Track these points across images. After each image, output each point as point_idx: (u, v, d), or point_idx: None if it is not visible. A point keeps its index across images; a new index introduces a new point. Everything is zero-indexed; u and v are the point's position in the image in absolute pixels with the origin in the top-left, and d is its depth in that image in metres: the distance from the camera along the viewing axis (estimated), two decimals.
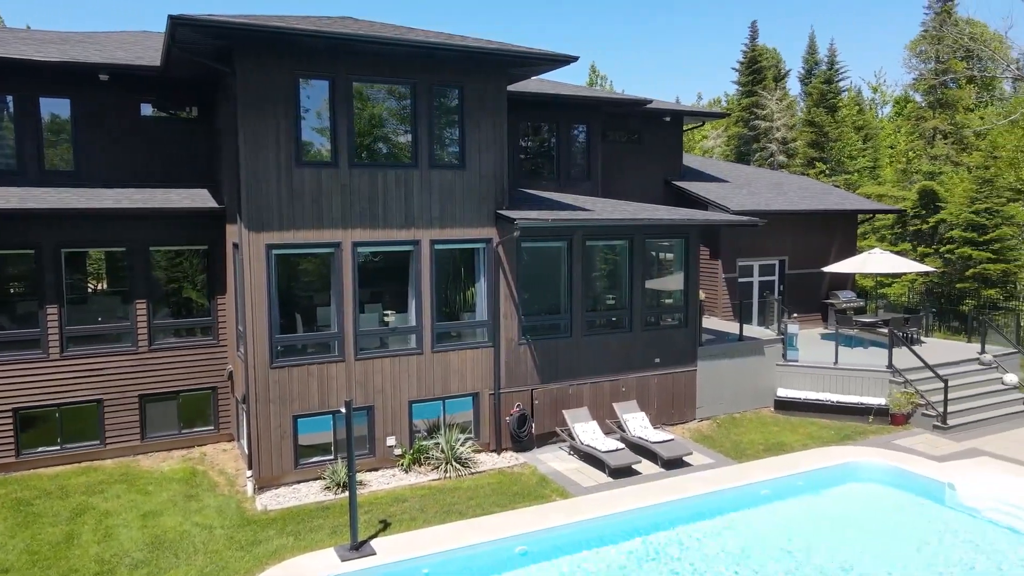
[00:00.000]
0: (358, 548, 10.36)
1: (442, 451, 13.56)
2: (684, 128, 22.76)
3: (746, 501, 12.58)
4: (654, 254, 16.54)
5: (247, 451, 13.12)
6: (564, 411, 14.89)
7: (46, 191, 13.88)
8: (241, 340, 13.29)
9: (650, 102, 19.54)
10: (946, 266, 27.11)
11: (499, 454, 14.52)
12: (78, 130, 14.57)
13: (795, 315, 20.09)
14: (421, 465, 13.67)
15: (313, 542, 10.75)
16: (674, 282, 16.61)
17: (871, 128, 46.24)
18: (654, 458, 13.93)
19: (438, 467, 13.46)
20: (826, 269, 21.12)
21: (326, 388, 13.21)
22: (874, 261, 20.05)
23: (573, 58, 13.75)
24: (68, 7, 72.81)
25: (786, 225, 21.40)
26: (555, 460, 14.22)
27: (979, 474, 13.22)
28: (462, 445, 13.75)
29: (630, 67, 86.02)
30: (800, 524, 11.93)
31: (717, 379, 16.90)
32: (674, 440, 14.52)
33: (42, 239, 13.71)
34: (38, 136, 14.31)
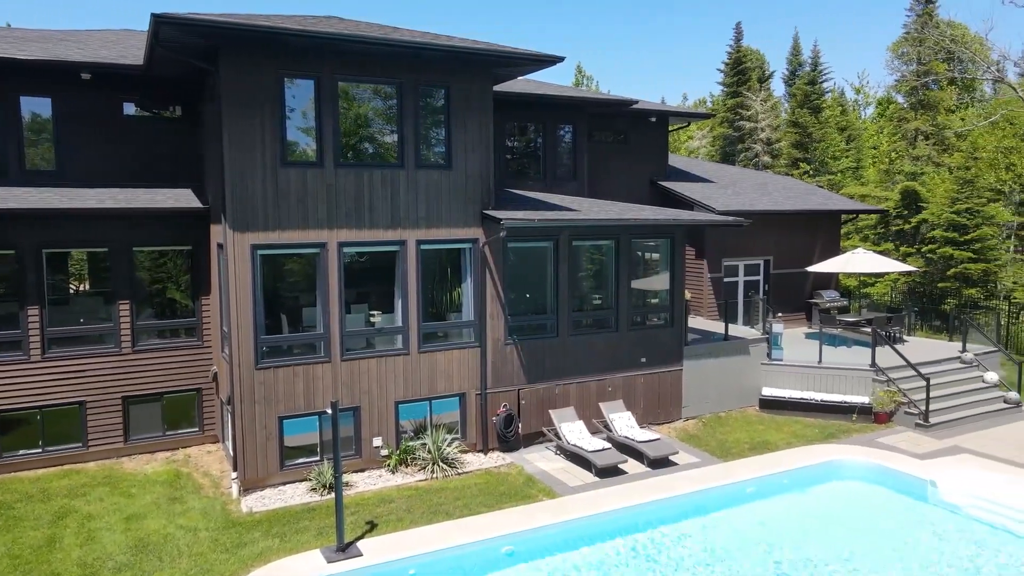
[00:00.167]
0: (344, 549, 10.33)
1: (429, 452, 13.54)
2: (670, 128, 22.86)
3: (731, 499, 12.66)
4: (640, 254, 16.60)
5: (232, 453, 13.04)
6: (551, 411, 14.92)
7: (27, 191, 13.72)
8: (226, 341, 13.20)
9: (636, 102, 19.61)
10: (928, 266, 27.41)
11: (486, 454, 14.52)
12: (60, 129, 14.43)
13: (780, 315, 20.24)
14: (408, 466, 13.65)
15: (299, 544, 10.70)
16: (660, 282, 16.69)
17: (854, 129, 46.69)
18: (640, 457, 13.99)
19: (425, 468, 13.44)
20: (810, 269, 21.30)
21: (312, 389, 13.15)
22: (857, 261, 20.23)
23: (559, 58, 13.77)
24: (50, 5, 72.00)
25: (771, 225, 21.55)
26: (542, 460, 14.24)
27: (960, 471, 13.38)
28: (449, 445, 13.74)
29: (616, 68, 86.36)
30: (785, 522, 12.02)
31: (703, 378, 17.00)
32: (660, 439, 14.58)
33: (23, 239, 13.55)
34: (19, 135, 14.15)
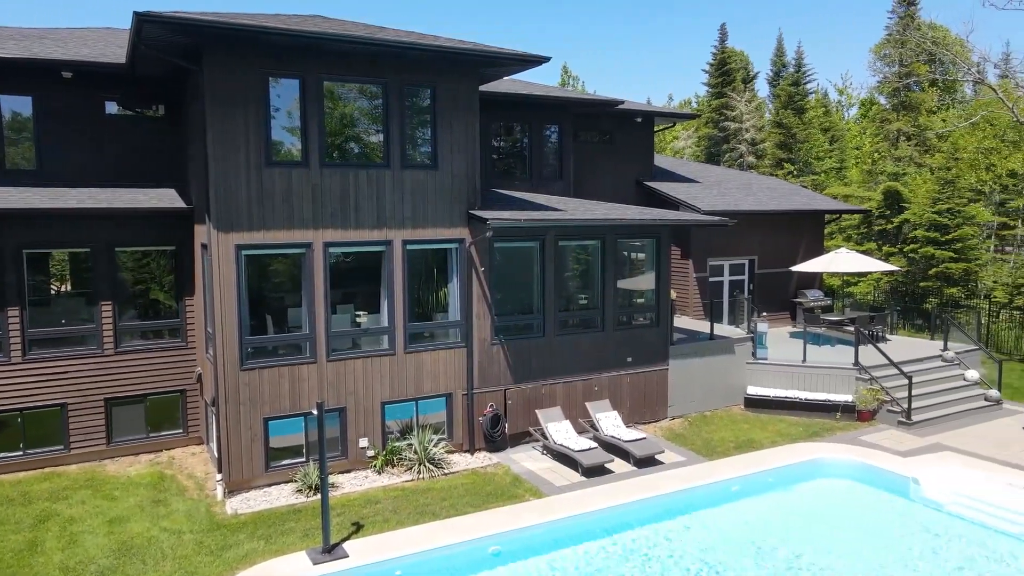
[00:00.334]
0: (330, 551, 10.28)
1: (415, 452, 13.51)
2: (655, 129, 22.95)
3: (717, 498, 12.74)
4: (626, 254, 16.66)
5: (217, 454, 12.95)
6: (537, 411, 14.93)
7: (7, 190, 13.55)
8: (210, 342, 13.11)
9: (621, 103, 19.67)
10: (910, 265, 27.71)
11: (472, 454, 14.51)
12: (41, 128, 14.27)
13: (764, 314, 20.37)
14: (394, 466, 13.62)
15: (284, 545, 10.64)
16: (646, 282, 16.75)
17: (837, 130, 47.11)
18: (627, 457, 14.04)
19: (411, 468, 13.41)
20: (794, 268, 21.45)
21: (297, 390, 13.08)
22: (841, 260, 20.41)
23: (545, 58, 13.79)
24: (30, 3, 71.13)
25: (755, 225, 21.69)
26: (528, 460, 14.26)
27: (941, 468, 13.54)
28: (435, 446, 13.72)
29: (602, 68, 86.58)
30: (770, 520, 12.10)
31: (688, 378, 17.08)
32: (646, 439, 14.64)
33: (3, 240, 13.39)
34: None
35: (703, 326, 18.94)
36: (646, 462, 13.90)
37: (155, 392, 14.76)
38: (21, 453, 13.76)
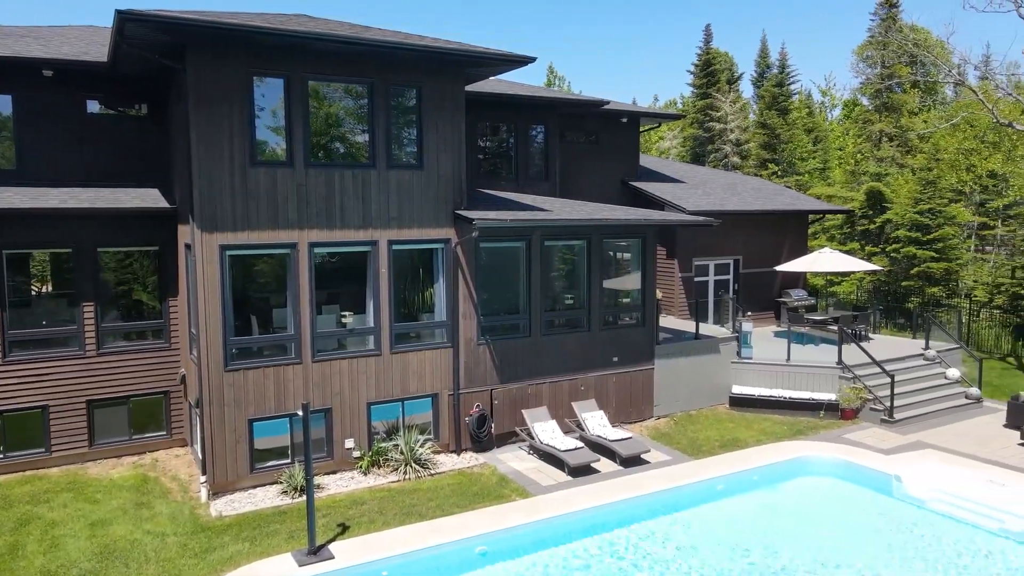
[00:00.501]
0: (316, 552, 10.24)
1: (401, 452, 13.49)
2: (641, 129, 23.06)
3: (702, 496, 12.81)
4: (612, 254, 16.71)
5: (201, 456, 12.86)
6: (523, 411, 14.95)
7: None
8: (194, 343, 13.01)
9: (607, 103, 19.73)
10: (892, 265, 27.99)
11: (459, 454, 14.50)
12: (21, 127, 14.10)
13: (749, 313, 20.50)
14: (380, 467, 13.58)
15: (270, 547, 10.59)
16: (631, 281, 16.81)
17: (821, 130, 47.52)
18: (613, 456, 14.08)
19: (397, 469, 13.38)
20: (778, 268, 21.61)
21: (283, 391, 13.02)
22: (824, 260, 20.58)
23: (530, 59, 13.81)
24: (12, 1, 70.19)
25: (740, 225, 21.84)
26: (515, 460, 14.27)
27: (923, 466, 13.69)
28: (421, 446, 13.70)
29: (588, 69, 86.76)
30: (754, 518, 12.18)
31: (674, 377, 17.16)
32: (632, 438, 14.70)
33: None
34: None
35: (688, 326, 19.04)
36: (632, 461, 13.95)
37: (138, 394, 14.62)
38: (1, 456, 13.59)
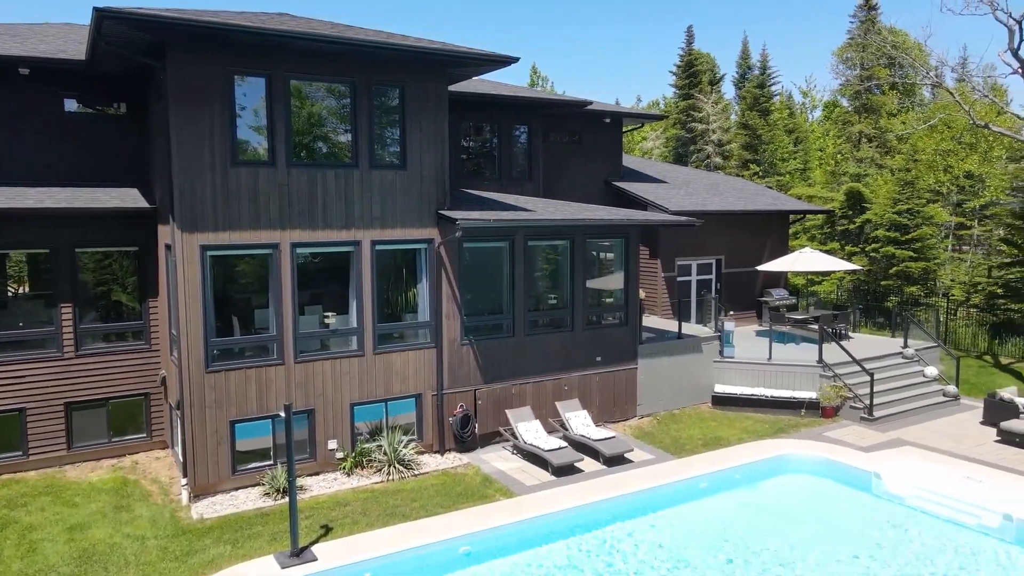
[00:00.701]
0: (299, 554, 10.18)
1: (385, 453, 13.44)
2: (624, 130, 23.13)
3: (685, 495, 12.88)
4: (595, 254, 16.77)
5: (182, 458, 12.74)
6: (507, 411, 14.95)
7: None
8: (175, 344, 12.89)
9: (590, 103, 19.78)
10: (872, 264, 28.30)
11: (442, 455, 14.48)
12: None
13: (731, 313, 20.67)
14: (364, 468, 13.53)
15: (252, 550, 10.51)
16: (615, 281, 16.88)
17: (802, 131, 47.96)
18: (596, 455, 14.12)
19: (381, 469, 13.34)
20: (760, 268, 21.78)
21: (265, 392, 12.93)
22: (805, 260, 20.77)
23: (513, 59, 13.82)
24: None
25: (722, 225, 21.99)
26: (499, 460, 14.27)
27: (902, 463, 13.86)
28: (405, 447, 13.66)
29: (571, 69, 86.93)
30: (737, 516, 12.27)
31: (657, 376, 17.24)
32: (615, 437, 14.75)
33: None
34: None
35: (671, 325, 19.14)
36: (615, 461, 14.01)
37: (117, 396, 14.46)
38: None
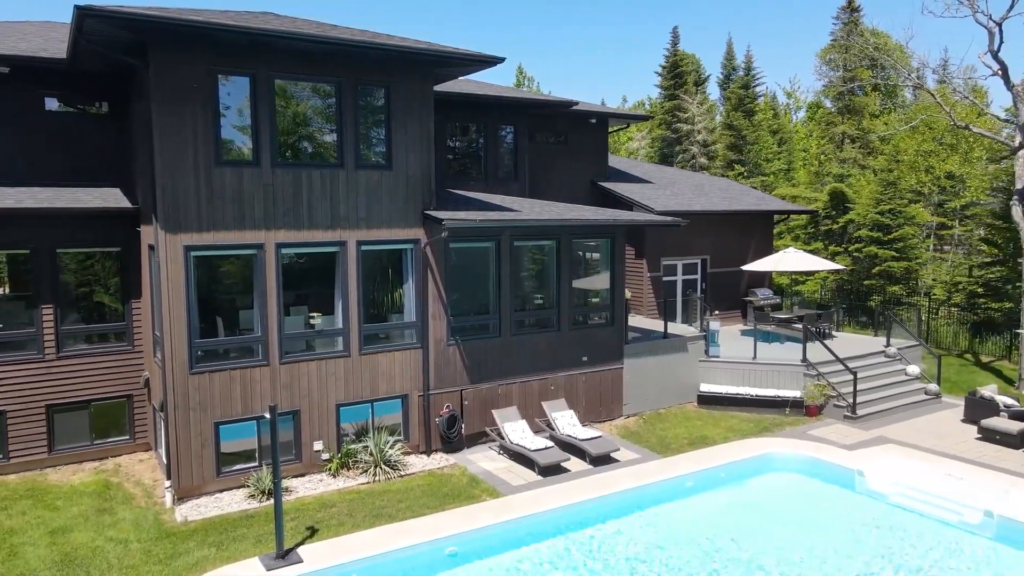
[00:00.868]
0: (284, 556, 10.13)
1: (371, 454, 13.40)
2: (609, 130, 23.19)
3: (671, 494, 12.94)
4: (581, 254, 16.80)
5: (166, 460, 12.63)
6: (494, 411, 14.95)
7: None
8: (158, 345, 12.78)
9: (576, 104, 19.82)
10: (855, 264, 28.56)
11: (429, 455, 14.45)
12: None
13: (716, 312, 20.77)
14: (350, 469, 13.47)
15: (237, 552, 10.44)
16: (601, 281, 16.92)
17: (786, 132, 48.30)
18: (583, 455, 14.15)
19: (367, 470, 13.29)
20: (745, 267, 21.91)
21: (249, 393, 12.84)
22: (789, 259, 20.92)
23: (499, 59, 13.82)
24: None
25: (707, 225, 22.10)
26: (485, 460, 14.27)
27: (884, 460, 14.00)
28: (391, 447, 13.62)
29: (557, 70, 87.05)
30: (722, 514, 12.35)
31: (643, 376, 17.30)
32: (602, 437, 14.79)
33: None
34: None
35: (657, 325, 19.22)
36: (602, 460, 14.04)
37: (100, 398, 14.31)
38: None
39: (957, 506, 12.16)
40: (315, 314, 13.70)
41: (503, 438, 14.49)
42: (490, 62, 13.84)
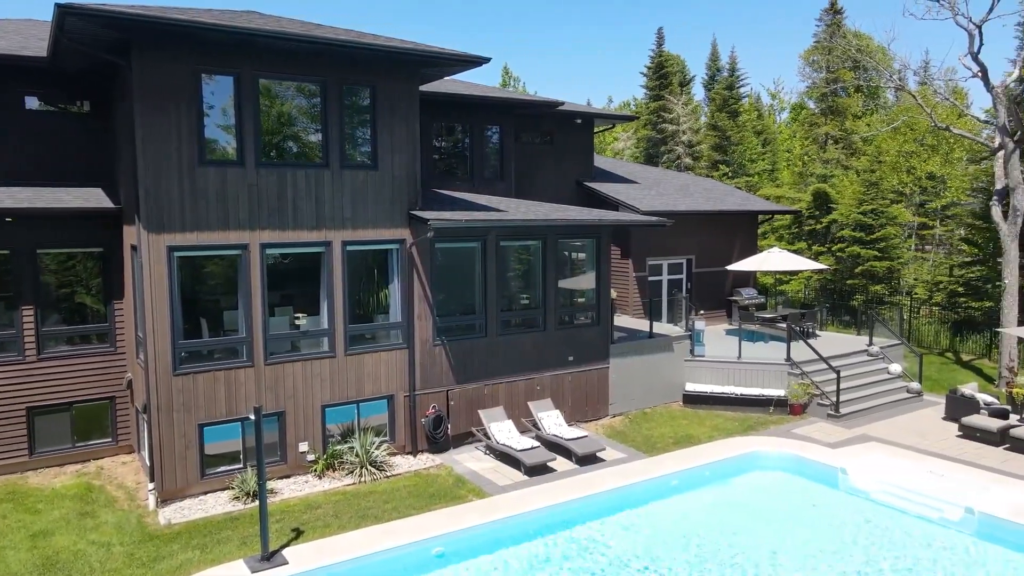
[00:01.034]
0: (269, 558, 10.07)
1: (357, 455, 13.35)
2: (595, 130, 23.26)
3: (657, 493, 12.99)
4: (567, 254, 16.83)
5: (149, 463, 12.52)
6: (480, 411, 14.95)
7: None
8: (141, 346, 12.66)
9: (561, 104, 19.86)
10: (838, 264, 28.81)
11: (415, 456, 14.43)
12: None
13: (702, 312, 20.88)
14: (335, 470, 13.42)
15: (221, 554, 10.37)
16: (586, 281, 16.96)
17: (770, 133, 48.66)
18: (569, 455, 14.18)
19: (353, 471, 13.25)
20: (730, 267, 22.05)
21: (234, 394, 12.76)
22: (773, 259, 21.08)
23: (485, 59, 13.82)
24: None
25: (692, 225, 22.21)
26: (471, 460, 14.26)
27: (867, 458, 14.14)
28: (377, 448, 13.59)
29: (543, 70, 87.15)
30: (707, 513, 12.42)
31: (629, 376, 17.36)
32: (588, 436, 14.83)
33: None
34: None
35: (643, 325, 19.28)
36: (588, 460, 14.08)
37: (82, 400, 14.16)
38: None
39: (939, 503, 12.30)
40: (300, 315, 13.64)
41: (489, 438, 14.49)
42: (476, 62, 13.84)
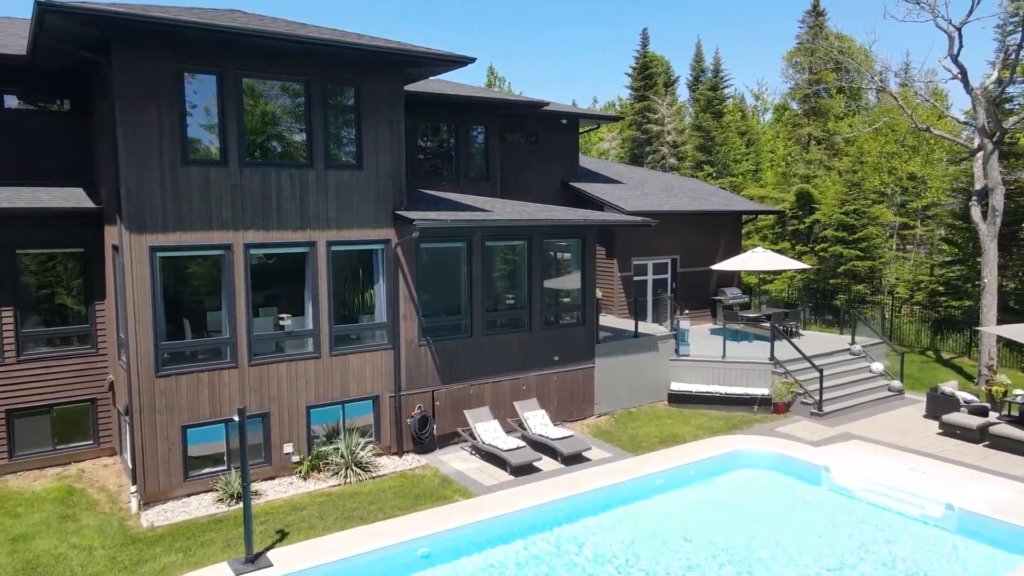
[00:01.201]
0: (254, 561, 10.01)
1: (342, 456, 13.30)
2: (580, 131, 23.30)
3: (642, 492, 13.05)
4: (552, 254, 16.85)
5: (131, 465, 12.40)
6: (466, 411, 14.93)
7: None
8: (123, 348, 12.55)
9: (546, 104, 19.88)
10: (821, 263, 29.06)
11: (401, 456, 14.39)
12: None
13: (687, 312, 20.98)
14: (320, 471, 13.36)
15: (204, 557, 10.30)
16: (572, 281, 16.99)
17: (754, 133, 48.97)
18: (555, 455, 14.21)
19: (338, 472, 13.19)
20: (714, 267, 22.18)
21: (218, 396, 12.67)
22: (757, 259, 21.23)
23: (470, 59, 13.81)
24: None
25: (677, 225, 22.31)
26: (457, 460, 14.25)
27: (850, 456, 14.28)
28: (362, 449, 13.54)
29: (528, 71, 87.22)
30: (692, 511, 12.50)
31: (614, 375, 17.42)
32: (574, 436, 14.86)
33: None
34: None
35: (628, 324, 19.35)
36: (573, 459, 14.11)
37: (62, 402, 14.00)
38: None
39: (920, 499, 12.45)
40: (285, 315, 13.56)
41: (475, 438, 14.48)
42: (461, 62, 13.83)
